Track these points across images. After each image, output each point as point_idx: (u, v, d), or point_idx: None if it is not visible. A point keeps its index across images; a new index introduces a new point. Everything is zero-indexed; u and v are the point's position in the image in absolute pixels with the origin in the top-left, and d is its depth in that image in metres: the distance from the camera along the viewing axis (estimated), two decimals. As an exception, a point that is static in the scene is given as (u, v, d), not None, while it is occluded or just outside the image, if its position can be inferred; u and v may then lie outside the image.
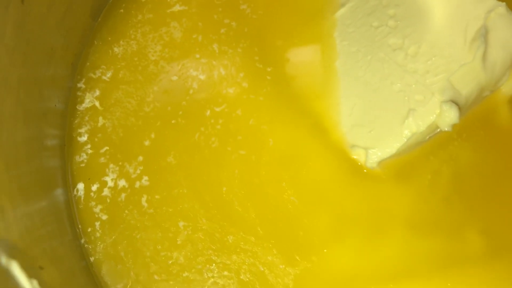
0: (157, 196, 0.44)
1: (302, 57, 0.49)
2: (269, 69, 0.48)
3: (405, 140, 0.43)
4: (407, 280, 0.44)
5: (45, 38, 0.41)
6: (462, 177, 0.46)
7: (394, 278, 0.44)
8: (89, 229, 0.44)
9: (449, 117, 0.42)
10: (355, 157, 0.45)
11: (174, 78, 0.47)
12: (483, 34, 0.43)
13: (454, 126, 0.45)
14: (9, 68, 0.36)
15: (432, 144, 0.46)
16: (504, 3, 0.44)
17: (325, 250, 0.43)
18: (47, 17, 0.40)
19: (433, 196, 0.45)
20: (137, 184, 0.45)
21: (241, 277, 0.42)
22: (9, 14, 0.35)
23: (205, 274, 0.42)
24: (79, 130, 0.46)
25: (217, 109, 0.47)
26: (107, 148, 0.45)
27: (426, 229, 0.45)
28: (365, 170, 0.46)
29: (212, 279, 0.42)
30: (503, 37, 0.43)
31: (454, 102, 0.42)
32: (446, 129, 0.43)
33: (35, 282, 0.31)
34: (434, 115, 0.43)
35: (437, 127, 0.43)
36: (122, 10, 0.50)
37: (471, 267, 0.44)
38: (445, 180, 0.46)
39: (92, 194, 0.44)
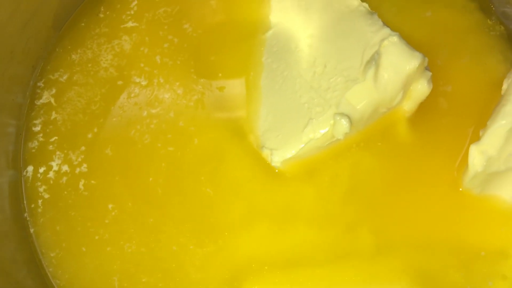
0: (92, 181, 0.49)
1: (231, 71, 0.54)
2: (201, 80, 0.53)
3: (303, 144, 0.48)
4: (303, 267, 0.48)
5: (6, 42, 0.47)
6: (358, 181, 0.50)
7: (291, 264, 0.48)
8: (33, 205, 0.49)
9: (341, 126, 0.46)
10: (264, 156, 0.49)
11: (120, 82, 0.53)
12: (375, 58, 0.47)
13: (354, 137, 0.50)
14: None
15: (333, 151, 0.50)
16: (397, 33, 0.48)
17: (226, 234, 0.47)
18: (7, 25, 0.46)
19: (331, 196, 0.50)
20: (77, 170, 0.50)
21: (155, 254, 0.47)
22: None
23: (125, 250, 0.47)
24: (34, 121, 0.51)
25: (153, 111, 0.52)
26: (56, 137, 0.51)
27: (323, 224, 0.49)
28: (276, 170, 0.50)
29: (130, 255, 0.47)
30: (395, 61, 0.48)
31: (348, 114, 0.47)
32: (340, 137, 0.47)
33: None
34: (329, 125, 0.47)
35: (333, 135, 0.48)
36: (83, 24, 0.56)
37: (358, 261, 0.48)
38: (342, 183, 0.50)
39: (39, 175, 0.50)
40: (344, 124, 0.46)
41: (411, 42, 0.52)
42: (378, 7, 0.55)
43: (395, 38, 0.48)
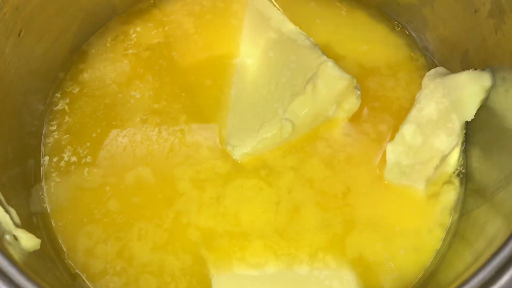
0: (95, 170, 0.61)
1: (208, 87, 0.67)
2: (183, 94, 0.66)
3: (256, 143, 0.60)
4: (257, 237, 0.59)
5: (33, 61, 0.60)
6: (302, 170, 0.62)
7: (247, 235, 0.59)
8: (46, 186, 0.61)
9: (286, 128, 0.59)
10: (228, 152, 0.61)
11: (119, 95, 0.66)
12: (313, 78, 0.60)
13: (298, 139, 0.63)
14: (5, 75, 0.55)
15: (282, 149, 0.62)
16: (332, 60, 0.61)
17: (198, 210, 0.59)
18: (35, 48, 0.60)
19: (281, 182, 0.61)
20: (83, 160, 0.62)
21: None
22: (8, 41, 0.54)
23: (117, 221, 0.59)
24: (51, 123, 0.64)
25: (144, 117, 0.65)
26: (68, 135, 0.63)
27: (274, 205, 0.60)
28: (239, 162, 0.62)
29: (122, 224, 0.58)
30: (329, 81, 0.60)
31: (291, 120, 0.59)
32: (285, 136, 0.60)
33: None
34: (277, 128, 0.60)
35: (281, 136, 0.60)
36: (93, 50, 0.69)
37: (306, 232, 0.59)
38: (289, 172, 0.62)
39: (53, 163, 0.62)
40: (288, 127, 0.59)
41: (353, 68, 0.66)
42: (328, 43, 0.69)
43: (329, 63, 0.61)
